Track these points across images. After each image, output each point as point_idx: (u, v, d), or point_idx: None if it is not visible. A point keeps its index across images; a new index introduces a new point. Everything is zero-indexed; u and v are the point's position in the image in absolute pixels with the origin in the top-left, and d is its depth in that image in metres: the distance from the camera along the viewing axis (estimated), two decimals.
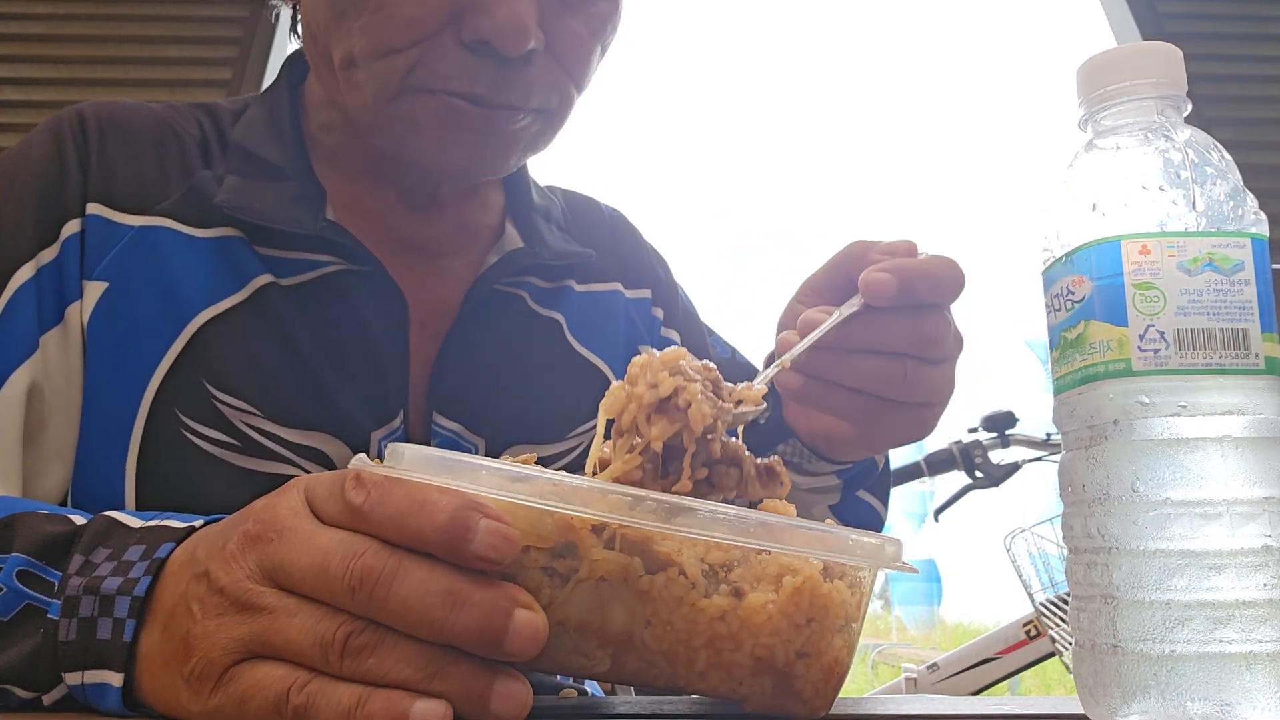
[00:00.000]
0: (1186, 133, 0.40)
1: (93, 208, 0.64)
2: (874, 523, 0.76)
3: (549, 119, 0.65)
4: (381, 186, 0.71)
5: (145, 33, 2.26)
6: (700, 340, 0.86)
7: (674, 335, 0.84)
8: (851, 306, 0.56)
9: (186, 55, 2.25)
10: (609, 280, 0.81)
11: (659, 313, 0.84)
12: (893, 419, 0.60)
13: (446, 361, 0.67)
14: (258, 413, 0.61)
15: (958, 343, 0.60)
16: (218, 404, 0.61)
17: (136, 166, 0.66)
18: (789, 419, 0.66)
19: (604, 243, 0.82)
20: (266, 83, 0.87)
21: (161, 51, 2.26)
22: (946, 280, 0.57)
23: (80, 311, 0.62)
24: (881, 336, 0.57)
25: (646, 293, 0.83)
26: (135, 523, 0.43)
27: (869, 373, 0.58)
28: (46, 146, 0.65)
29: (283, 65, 0.75)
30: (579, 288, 0.78)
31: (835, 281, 0.61)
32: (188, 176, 0.67)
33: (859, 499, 0.74)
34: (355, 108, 0.63)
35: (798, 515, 0.69)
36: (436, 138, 0.62)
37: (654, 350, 0.45)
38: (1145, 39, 2.27)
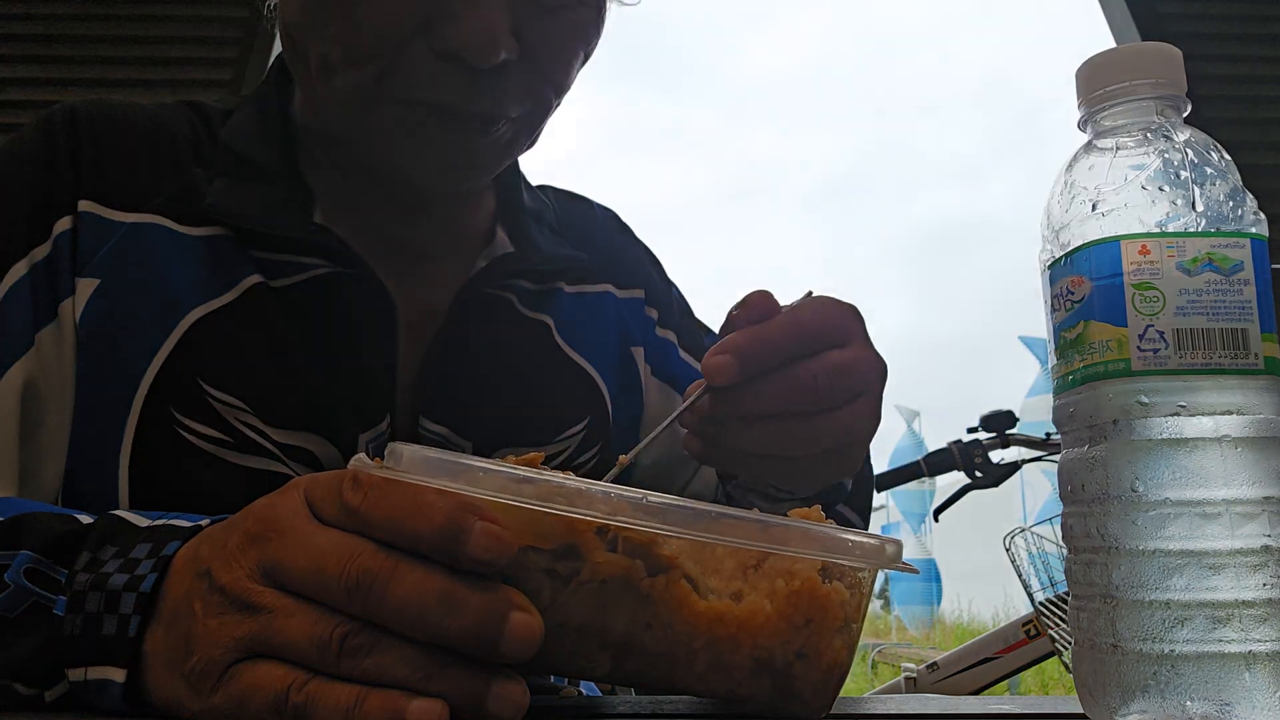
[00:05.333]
0: (1186, 133, 0.40)
1: (85, 205, 0.63)
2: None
3: (524, 127, 0.64)
4: (369, 189, 0.70)
5: (145, 33, 2.26)
6: (698, 339, 0.85)
7: (670, 336, 0.83)
8: (701, 389, 0.53)
9: (186, 55, 2.25)
10: (600, 281, 0.80)
11: (653, 313, 0.83)
12: (808, 467, 0.56)
13: (434, 365, 0.67)
14: (249, 410, 0.61)
15: (865, 376, 0.54)
16: (212, 400, 0.61)
17: (129, 163, 0.66)
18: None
19: (596, 244, 0.81)
20: None
21: (161, 51, 2.26)
22: (796, 336, 0.52)
23: (73, 307, 0.62)
24: (752, 404, 0.52)
25: (639, 293, 0.82)
26: (142, 522, 0.43)
27: (763, 438, 0.53)
28: (38, 143, 0.65)
29: (271, 65, 0.74)
30: (569, 289, 0.77)
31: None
32: (180, 173, 0.66)
33: (838, 513, 0.72)
34: (330, 115, 0.63)
35: None
36: (407, 149, 0.61)
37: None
38: (1145, 39, 2.27)
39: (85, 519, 0.45)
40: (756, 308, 0.54)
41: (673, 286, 0.87)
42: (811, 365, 0.52)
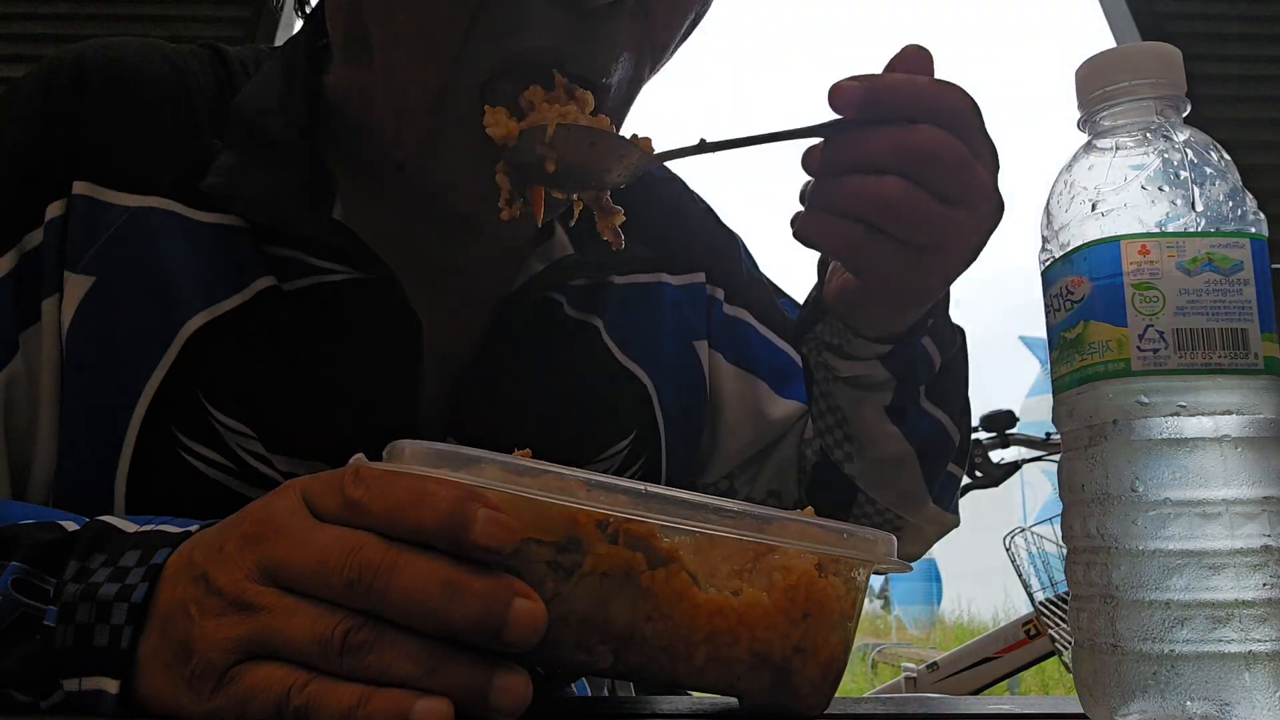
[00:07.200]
0: (1186, 133, 0.40)
1: (79, 186, 0.55)
2: (942, 440, 0.66)
3: (618, 100, 0.56)
4: (403, 192, 0.61)
5: (146, 33, 2.26)
6: (770, 306, 0.79)
7: (742, 313, 0.77)
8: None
9: None
10: (654, 270, 0.71)
11: (718, 292, 0.76)
12: (888, 255, 0.52)
13: (464, 393, 0.61)
14: (254, 437, 0.55)
15: (984, 193, 0.52)
16: (215, 424, 0.55)
17: (139, 132, 0.57)
18: (825, 292, 0.61)
19: (650, 223, 0.68)
20: None
21: None
22: (930, 95, 0.49)
23: (58, 308, 0.54)
24: (860, 147, 0.50)
25: (699, 276, 0.74)
26: (130, 527, 0.42)
27: (854, 190, 0.50)
28: (36, 107, 0.57)
29: (304, 22, 0.64)
30: (619, 279, 0.69)
31: None
32: (196, 142, 0.57)
33: (922, 410, 0.64)
34: (391, 118, 0.54)
35: (851, 420, 0.67)
36: (478, 191, 0.53)
37: None
38: (1145, 39, 2.26)
39: (71, 525, 0.43)
40: (911, 59, 0.52)
41: (736, 245, 0.79)
42: (933, 135, 0.50)
